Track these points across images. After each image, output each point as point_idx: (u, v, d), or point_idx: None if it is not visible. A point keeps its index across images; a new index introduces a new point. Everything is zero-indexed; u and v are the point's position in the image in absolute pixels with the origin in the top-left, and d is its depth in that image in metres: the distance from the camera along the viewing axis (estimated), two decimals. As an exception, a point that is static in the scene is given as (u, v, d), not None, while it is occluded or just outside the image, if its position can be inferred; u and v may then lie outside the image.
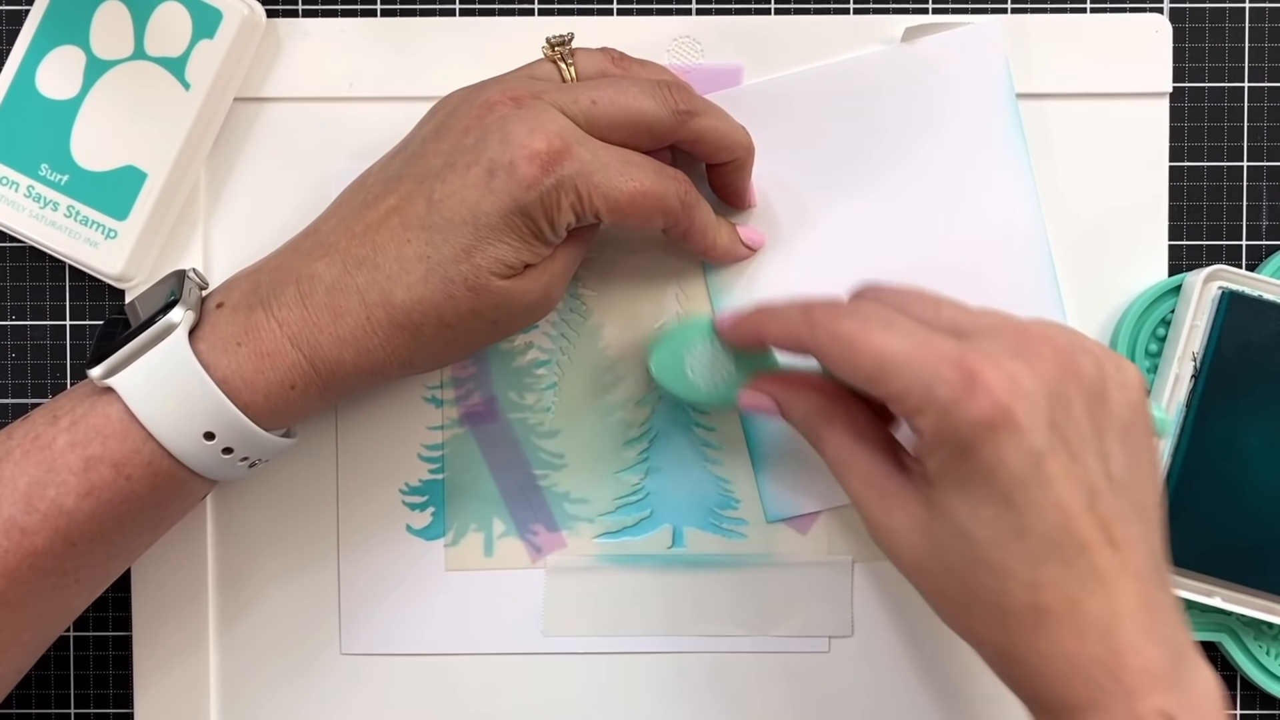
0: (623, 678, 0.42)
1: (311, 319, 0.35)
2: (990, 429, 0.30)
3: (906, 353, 0.31)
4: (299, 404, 0.35)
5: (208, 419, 0.34)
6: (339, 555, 0.42)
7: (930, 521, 0.32)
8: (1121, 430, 0.32)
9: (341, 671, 0.42)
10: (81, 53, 0.40)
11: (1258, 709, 0.43)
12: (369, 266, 0.35)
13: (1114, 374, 0.32)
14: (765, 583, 0.42)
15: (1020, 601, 0.31)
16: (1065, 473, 0.30)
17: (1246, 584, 0.40)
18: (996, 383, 0.30)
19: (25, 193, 0.40)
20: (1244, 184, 0.42)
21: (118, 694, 0.43)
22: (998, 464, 0.30)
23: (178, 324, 0.34)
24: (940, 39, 0.41)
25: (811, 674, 0.42)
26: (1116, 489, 0.31)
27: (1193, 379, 0.40)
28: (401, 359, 0.35)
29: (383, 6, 0.43)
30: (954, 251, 0.41)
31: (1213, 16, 0.42)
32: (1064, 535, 0.30)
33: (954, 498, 0.31)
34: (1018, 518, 0.30)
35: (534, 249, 0.35)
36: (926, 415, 0.31)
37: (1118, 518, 0.31)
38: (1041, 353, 0.31)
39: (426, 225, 0.34)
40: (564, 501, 0.42)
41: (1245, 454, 0.40)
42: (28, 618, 0.35)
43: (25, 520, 0.34)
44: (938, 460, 0.31)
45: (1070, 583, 0.30)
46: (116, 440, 0.34)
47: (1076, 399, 0.31)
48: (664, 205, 0.36)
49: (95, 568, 0.36)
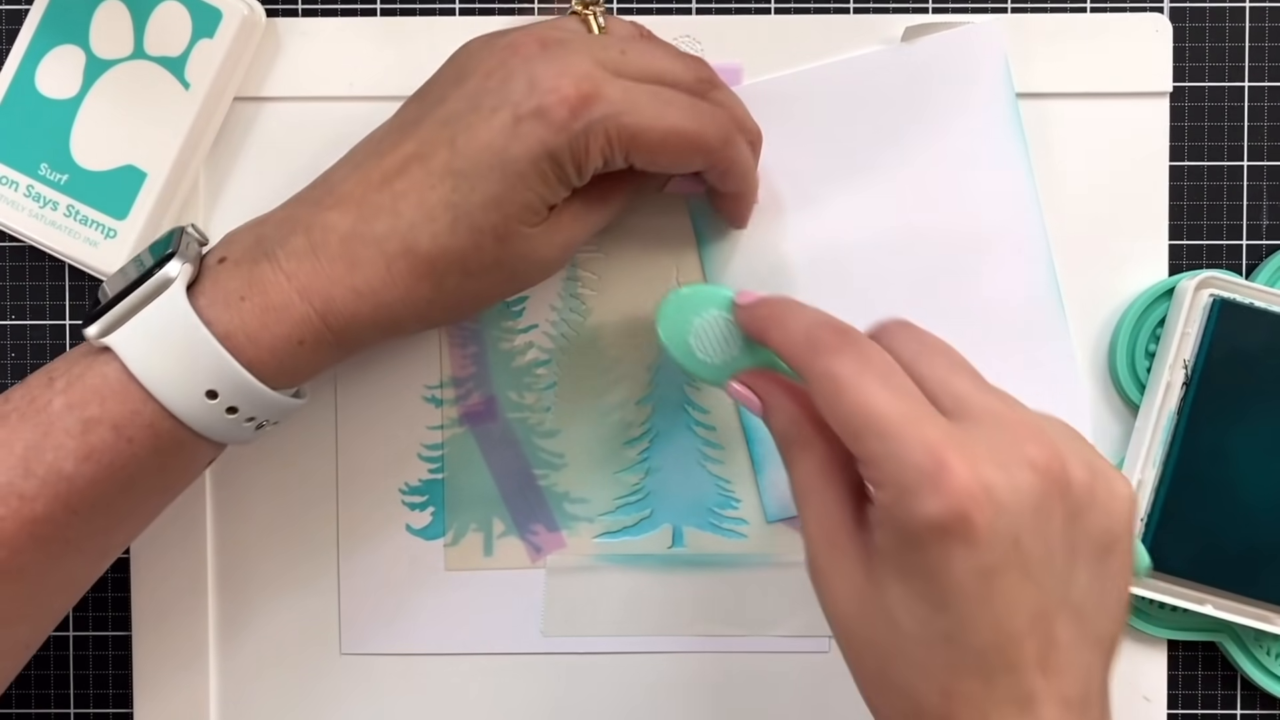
0: (622, 678, 0.42)
1: (324, 271, 0.33)
2: (943, 532, 0.28)
3: (887, 420, 0.29)
4: (308, 360, 0.34)
5: (210, 377, 0.32)
6: (339, 555, 0.42)
7: (866, 591, 0.30)
8: (1095, 554, 0.30)
9: (341, 671, 0.42)
10: (81, 52, 0.40)
11: (1258, 709, 0.43)
12: (389, 214, 0.33)
13: (1103, 494, 0.30)
14: (765, 583, 0.42)
15: (932, 705, 0.29)
16: (1013, 592, 0.28)
17: (1237, 591, 0.40)
18: (964, 486, 0.28)
19: (25, 192, 0.40)
20: (1244, 184, 0.42)
21: (117, 694, 0.43)
22: (941, 568, 0.28)
23: (174, 278, 0.32)
24: (940, 38, 0.41)
25: (811, 674, 0.42)
26: (1072, 615, 0.29)
27: (1184, 386, 0.40)
28: (420, 312, 0.34)
29: (383, 6, 0.43)
30: (954, 251, 0.41)
31: (1213, 16, 0.42)
32: (994, 653, 0.28)
33: (893, 582, 0.29)
34: (950, 625, 0.29)
35: (558, 194, 0.34)
36: (886, 491, 0.29)
37: (1063, 644, 0.29)
38: (1033, 460, 0.29)
39: (452, 171, 0.33)
40: (564, 501, 0.42)
41: (1236, 461, 0.40)
42: (31, 590, 0.33)
43: (23, 486, 0.32)
44: (887, 539, 0.30)
45: (986, 700, 0.29)
46: (115, 401, 0.32)
47: (1056, 515, 0.29)
48: (701, 143, 0.34)
49: (99, 536, 0.34)
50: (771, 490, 0.42)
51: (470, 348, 0.42)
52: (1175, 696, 0.42)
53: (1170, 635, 0.42)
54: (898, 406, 0.29)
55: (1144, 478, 0.40)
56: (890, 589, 0.29)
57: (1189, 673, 0.43)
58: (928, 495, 0.28)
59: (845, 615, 0.31)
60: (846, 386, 0.30)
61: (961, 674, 0.29)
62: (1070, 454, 0.30)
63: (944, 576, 0.28)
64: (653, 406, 0.42)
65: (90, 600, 0.43)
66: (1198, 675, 0.43)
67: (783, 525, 0.42)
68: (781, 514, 0.42)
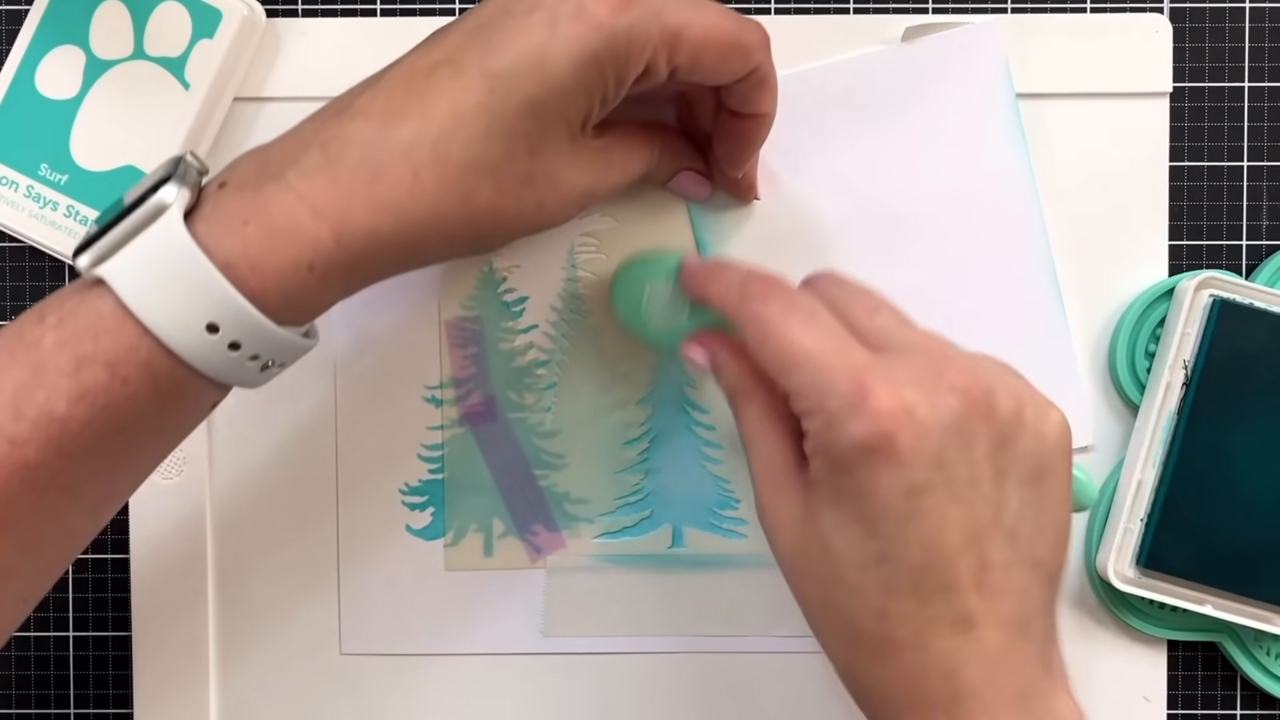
0: (622, 678, 0.42)
1: (341, 184, 0.30)
2: (867, 452, 0.29)
3: (812, 353, 0.31)
4: (317, 290, 0.31)
5: (209, 309, 0.30)
6: (339, 555, 0.42)
7: (805, 523, 0.31)
8: (1026, 479, 0.31)
9: (341, 671, 0.42)
10: (81, 52, 0.40)
11: (1258, 709, 0.43)
12: (416, 120, 0.31)
13: (1031, 420, 0.31)
14: (765, 583, 0.42)
15: (869, 627, 0.30)
16: (942, 510, 0.29)
17: (1238, 592, 0.40)
18: (885, 406, 0.29)
19: (25, 192, 0.40)
20: (1244, 184, 0.42)
21: (117, 694, 0.43)
22: (869, 489, 0.29)
23: (170, 204, 0.30)
24: (940, 39, 0.41)
25: (812, 674, 0.42)
26: (1006, 536, 0.30)
27: (1184, 387, 0.40)
28: (445, 231, 0.32)
29: (382, 6, 0.43)
30: (953, 252, 0.41)
31: (1213, 16, 0.42)
32: (926, 573, 0.29)
33: (826, 509, 0.31)
34: (880, 545, 0.30)
35: (594, 105, 0.32)
36: (814, 420, 0.30)
37: (998, 565, 0.30)
38: (954, 385, 0.30)
39: (486, 73, 0.31)
40: (564, 501, 0.42)
41: (1236, 462, 0.40)
42: (26, 541, 0.31)
43: (13, 429, 0.29)
44: (817, 467, 0.31)
45: (921, 620, 0.30)
46: (110, 337, 0.30)
47: (981, 438, 0.30)
48: (742, 41, 0.33)
49: (97, 484, 0.32)
50: (771, 490, 0.42)
51: (470, 348, 0.42)
52: (1175, 697, 0.42)
53: (1170, 635, 0.42)
54: (822, 341, 0.31)
55: (1144, 478, 0.40)
56: (825, 516, 0.31)
57: (1189, 673, 0.43)
58: (852, 419, 0.29)
59: (788, 549, 0.32)
60: (773, 327, 0.32)
61: (896, 595, 0.30)
62: (997, 383, 0.31)
63: (872, 497, 0.29)
64: (653, 406, 0.42)
65: (90, 600, 0.43)
66: (1198, 675, 0.43)
67: (783, 525, 0.42)
68: (781, 514, 0.42)
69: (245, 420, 0.42)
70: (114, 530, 0.43)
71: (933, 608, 0.30)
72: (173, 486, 0.42)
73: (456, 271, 0.42)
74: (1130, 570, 0.41)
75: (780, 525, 0.32)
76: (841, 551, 0.30)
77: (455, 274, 0.42)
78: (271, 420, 0.42)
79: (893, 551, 0.30)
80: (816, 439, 0.30)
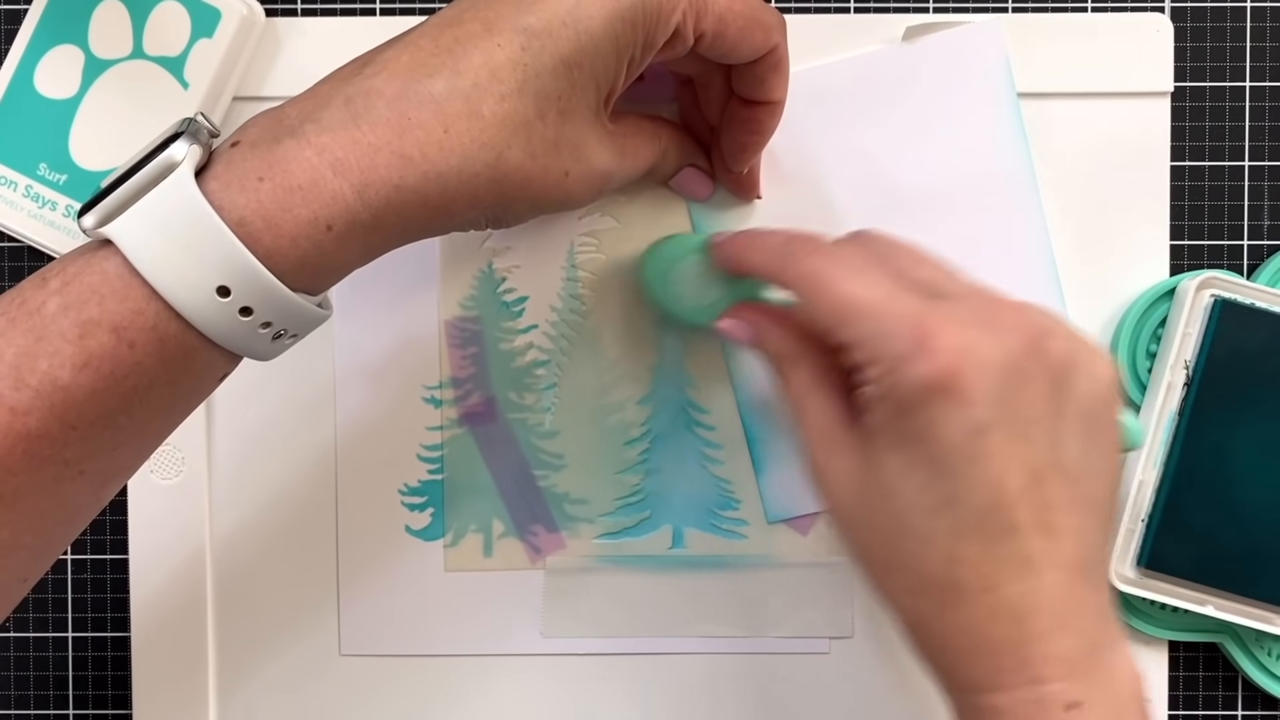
0: (622, 679, 0.42)
1: (366, 137, 0.29)
2: (932, 392, 0.29)
3: (868, 302, 0.31)
4: (334, 252, 0.30)
5: (220, 270, 0.28)
6: (338, 556, 0.42)
7: (864, 475, 0.31)
8: (1082, 419, 0.31)
9: (341, 672, 0.42)
10: (80, 52, 0.40)
11: (1258, 709, 0.43)
12: (448, 73, 0.30)
13: (1085, 363, 0.31)
14: (765, 583, 0.42)
15: (937, 572, 0.30)
16: (1006, 450, 0.29)
17: (1239, 592, 0.40)
18: (948, 346, 0.29)
19: (24, 192, 0.40)
20: (1245, 184, 0.42)
21: (117, 694, 0.43)
22: (935, 429, 0.29)
23: (180, 161, 0.29)
24: (941, 38, 0.41)
25: (812, 675, 0.42)
26: (1064, 477, 0.30)
27: (1185, 387, 0.40)
28: (474, 192, 0.31)
29: (382, 6, 0.42)
30: (955, 251, 0.41)
31: (1214, 16, 0.42)
32: (992, 514, 0.29)
33: (889, 455, 0.30)
34: (947, 487, 0.29)
35: (623, 68, 0.32)
36: (876, 368, 0.30)
37: (1058, 506, 0.30)
38: (1009, 325, 0.30)
39: (520, 28, 0.30)
40: (563, 502, 0.42)
41: (1237, 462, 0.40)
42: (28, 516, 0.30)
43: (14, 398, 0.28)
44: (880, 415, 0.31)
45: (989, 563, 0.29)
46: (115, 300, 0.28)
47: (1038, 378, 0.30)
48: (764, 18, 0.34)
49: (101, 457, 0.30)
50: (771, 491, 0.42)
51: (470, 348, 0.42)
52: (1176, 697, 0.42)
53: (1171, 636, 0.42)
54: (877, 289, 0.31)
55: (1145, 478, 0.40)
56: (887, 463, 0.31)
57: (1190, 673, 0.43)
58: (916, 360, 0.29)
59: (847, 504, 0.32)
60: (826, 280, 0.32)
61: (963, 537, 0.30)
62: (1052, 326, 0.31)
63: (938, 438, 0.29)
64: (653, 407, 0.42)
65: (90, 600, 0.43)
66: (1198, 676, 0.43)
67: (783, 526, 0.42)
68: (782, 515, 0.42)
69: (245, 420, 0.42)
70: (114, 530, 0.43)
71: (1000, 549, 0.29)
72: (173, 486, 0.42)
73: (456, 271, 0.42)
74: (1131, 571, 0.41)
75: (837, 481, 0.32)
76: (907, 497, 0.30)
77: (455, 274, 0.42)
78: (271, 420, 0.42)
79: (959, 493, 0.29)
80: (880, 384, 0.30)
